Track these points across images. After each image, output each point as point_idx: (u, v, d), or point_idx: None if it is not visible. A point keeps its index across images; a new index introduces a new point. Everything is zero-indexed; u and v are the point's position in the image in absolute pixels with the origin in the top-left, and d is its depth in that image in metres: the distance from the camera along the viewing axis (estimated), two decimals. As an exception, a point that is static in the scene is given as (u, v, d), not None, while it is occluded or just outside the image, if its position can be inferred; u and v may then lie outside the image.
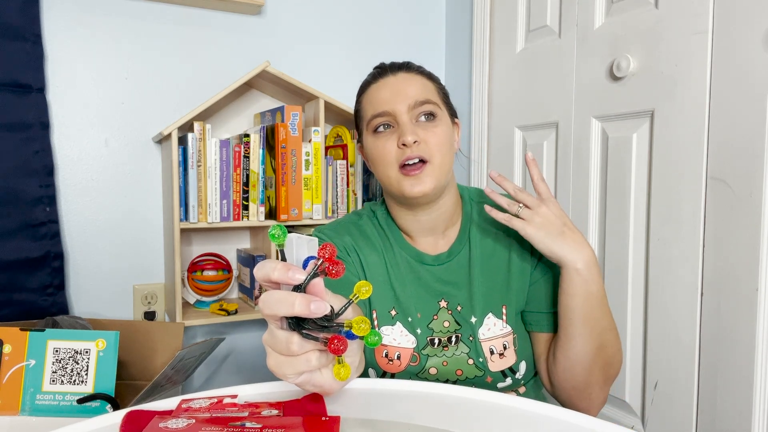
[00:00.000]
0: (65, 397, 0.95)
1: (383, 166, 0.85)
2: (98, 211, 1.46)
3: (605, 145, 1.30)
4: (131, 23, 1.47)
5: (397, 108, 0.83)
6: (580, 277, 0.78)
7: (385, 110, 0.84)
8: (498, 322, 0.87)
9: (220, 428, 0.49)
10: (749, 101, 1.01)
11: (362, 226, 0.95)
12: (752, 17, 1.00)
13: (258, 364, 1.68)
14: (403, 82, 0.85)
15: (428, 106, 0.84)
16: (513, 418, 0.56)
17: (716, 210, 1.07)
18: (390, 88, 0.85)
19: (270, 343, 0.50)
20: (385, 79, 0.87)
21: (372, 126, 0.86)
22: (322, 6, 1.70)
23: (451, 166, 0.88)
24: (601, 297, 0.80)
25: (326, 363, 0.50)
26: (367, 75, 0.92)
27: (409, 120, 0.84)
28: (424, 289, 0.90)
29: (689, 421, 1.12)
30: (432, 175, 0.83)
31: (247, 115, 1.62)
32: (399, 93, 0.84)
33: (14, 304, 1.33)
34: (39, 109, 1.35)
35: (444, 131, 0.86)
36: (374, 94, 0.87)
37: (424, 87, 0.86)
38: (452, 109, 0.92)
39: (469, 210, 0.93)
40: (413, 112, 0.84)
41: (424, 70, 0.90)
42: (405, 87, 0.85)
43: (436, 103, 0.86)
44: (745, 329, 1.02)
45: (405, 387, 0.64)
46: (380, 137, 0.85)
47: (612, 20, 1.28)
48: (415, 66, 0.89)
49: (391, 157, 0.84)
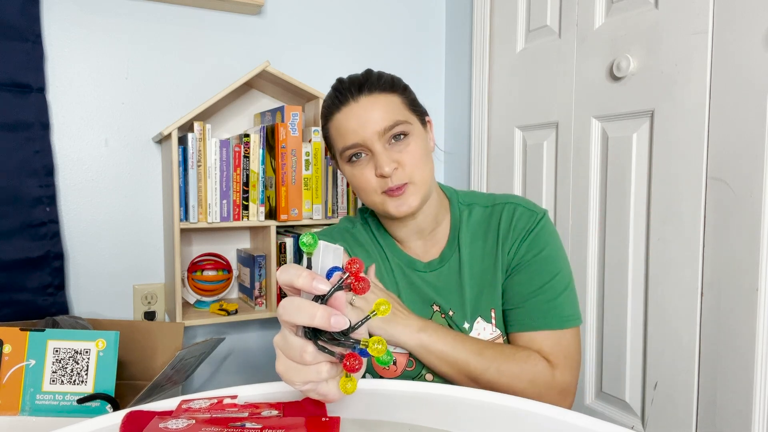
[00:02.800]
0: (65, 397, 0.95)
1: (366, 193, 0.86)
2: (98, 211, 1.46)
3: (605, 145, 1.30)
4: (131, 23, 1.46)
5: (366, 137, 0.82)
6: (422, 352, 0.81)
7: (355, 142, 0.83)
8: (487, 326, 0.88)
9: (220, 429, 0.49)
10: (749, 101, 1.01)
11: (355, 234, 0.95)
12: (752, 17, 1.00)
13: (258, 364, 1.68)
14: (367, 108, 0.83)
15: (398, 128, 0.83)
16: (512, 418, 0.56)
17: (716, 210, 1.07)
18: (355, 117, 0.83)
19: (282, 348, 0.50)
20: (349, 108, 0.84)
21: (345, 157, 0.86)
22: (322, 6, 1.70)
23: (432, 173, 0.88)
24: (458, 351, 0.80)
25: (335, 375, 0.50)
26: (327, 96, 0.89)
27: (382, 147, 0.82)
28: (417, 295, 0.90)
29: (689, 421, 1.12)
30: (416, 194, 0.84)
31: (247, 115, 1.62)
32: (365, 122, 0.82)
33: (14, 304, 1.33)
34: (39, 109, 1.35)
35: (418, 145, 0.85)
36: (341, 124, 0.85)
37: (389, 106, 0.83)
38: (421, 110, 0.90)
39: (458, 214, 0.92)
40: (384, 137, 0.83)
41: (385, 81, 0.86)
42: (369, 113, 0.82)
43: (405, 120, 0.84)
44: (745, 329, 1.02)
45: (405, 387, 0.64)
46: (357, 167, 0.85)
47: (612, 20, 1.28)
48: (375, 80, 0.85)
49: (373, 185, 0.84)
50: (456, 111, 1.84)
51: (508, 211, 0.88)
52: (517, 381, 0.79)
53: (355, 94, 0.83)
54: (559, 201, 1.43)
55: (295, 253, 1.49)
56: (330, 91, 0.88)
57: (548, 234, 0.87)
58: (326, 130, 0.89)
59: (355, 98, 0.83)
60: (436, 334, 0.81)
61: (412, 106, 0.87)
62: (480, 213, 0.91)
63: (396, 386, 0.65)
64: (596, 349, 1.34)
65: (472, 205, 0.92)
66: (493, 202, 0.91)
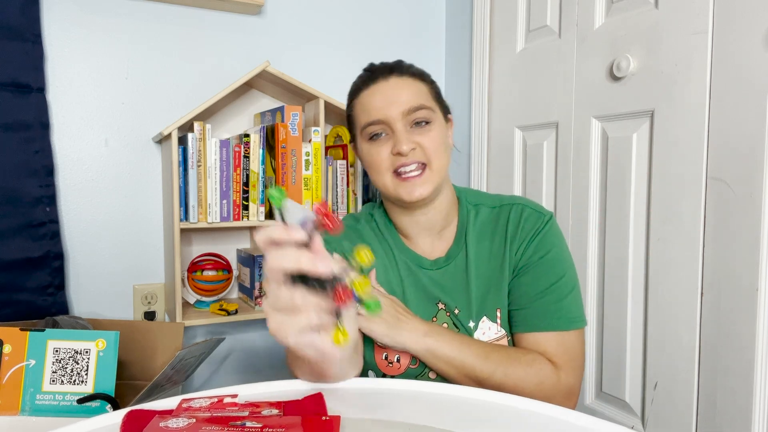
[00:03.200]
0: (65, 397, 0.95)
1: (378, 173, 0.86)
2: (98, 211, 1.46)
3: (605, 145, 1.30)
4: (131, 23, 1.46)
5: (390, 116, 0.83)
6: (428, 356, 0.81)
7: (378, 118, 0.84)
8: (493, 326, 0.88)
9: (220, 428, 0.49)
10: (749, 101, 1.01)
11: (360, 231, 0.95)
12: (752, 17, 1.00)
13: (258, 364, 1.68)
14: (395, 87, 0.85)
15: (422, 112, 0.84)
16: (513, 418, 0.56)
17: (716, 210, 1.07)
18: (382, 94, 0.85)
19: (272, 303, 0.49)
20: (377, 85, 0.86)
21: (366, 133, 0.86)
22: (322, 6, 1.70)
23: (448, 166, 0.88)
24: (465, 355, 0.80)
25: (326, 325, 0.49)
26: (357, 77, 0.91)
27: (403, 127, 0.83)
28: (423, 293, 0.90)
29: (689, 421, 1.12)
30: (431, 180, 0.84)
31: (247, 115, 1.62)
32: (392, 100, 0.84)
33: (14, 304, 1.33)
34: (39, 109, 1.35)
35: (439, 134, 0.86)
36: (366, 101, 0.86)
37: (417, 91, 0.85)
38: (445, 106, 0.92)
39: (465, 213, 0.92)
40: (407, 118, 0.84)
41: (415, 69, 0.89)
42: (397, 93, 0.84)
43: (430, 107, 0.85)
44: (745, 329, 1.02)
45: (405, 387, 0.64)
46: (374, 145, 0.86)
47: (612, 20, 1.28)
48: (406, 67, 0.88)
49: (386, 164, 0.85)
50: (456, 111, 1.84)
51: (516, 212, 0.89)
52: (523, 384, 0.80)
53: (386, 74, 0.86)
54: (559, 201, 1.43)
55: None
56: (361, 72, 0.91)
57: (555, 236, 0.87)
58: (350, 108, 0.91)
59: (385, 77, 0.86)
60: (442, 338, 0.81)
61: (437, 98, 0.90)
62: (487, 213, 0.92)
63: (396, 385, 0.65)
64: (596, 349, 1.34)
65: (479, 206, 0.93)
66: (500, 203, 0.92)
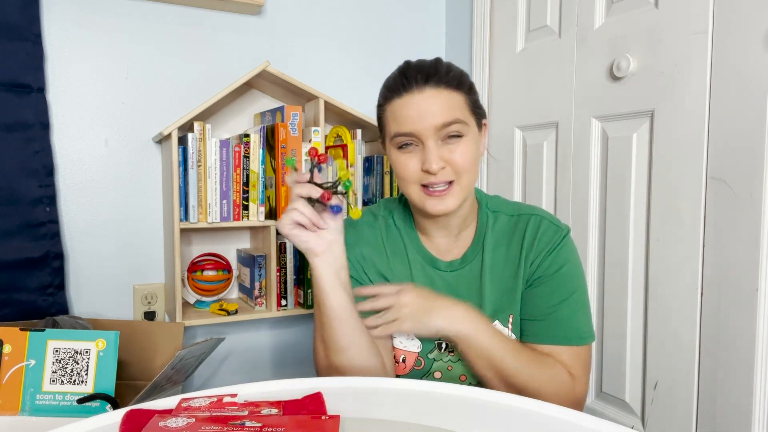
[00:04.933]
0: (65, 397, 0.95)
1: (405, 182, 0.85)
2: (98, 211, 1.46)
3: (605, 145, 1.30)
4: (131, 23, 1.46)
5: (422, 131, 0.81)
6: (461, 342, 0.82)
7: (410, 131, 0.81)
8: (504, 330, 0.88)
9: (220, 427, 0.49)
10: (749, 101, 1.01)
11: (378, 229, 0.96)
12: (752, 17, 1.00)
13: (258, 364, 1.68)
14: (429, 100, 0.81)
15: (455, 127, 0.81)
16: (513, 418, 0.56)
17: (716, 210, 1.07)
18: (415, 107, 0.81)
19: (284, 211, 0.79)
20: (411, 96, 0.81)
21: (396, 142, 0.84)
22: (322, 6, 1.70)
23: (476, 178, 0.87)
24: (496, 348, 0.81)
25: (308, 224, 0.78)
26: (391, 77, 0.86)
27: (434, 143, 0.81)
28: None
29: (689, 421, 1.12)
30: (457, 195, 0.83)
31: (247, 115, 1.62)
32: (425, 114, 0.80)
33: (14, 304, 1.33)
34: (39, 109, 1.35)
35: (470, 148, 0.83)
36: (398, 110, 0.83)
37: (452, 104, 0.82)
38: (480, 112, 0.89)
39: (485, 218, 0.93)
40: (439, 133, 0.81)
41: (453, 77, 0.84)
42: (431, 107, 0.80)
43: (464, 121, 0.82)
44: (745, 329, 1.01)
45: (405, 387, 0.64)
46: (403, 154, 0.84)
47: (612, 20, 1.28)
48: (444, 73, 0.83)
49: (414, 177, 0.84)
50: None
51: (534, 224, 0.89)
52: (544, 389, 0.81)
53: (421, 83, 0.81)
54: (559, 201, 1.43)
55: (295, 254, 1.49)
56: (395, 72, 0.86)
57: (571, 251, 0.89)
58: (381, 110, 0.87)
59: (420, 88, 0.81)
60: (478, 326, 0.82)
61: (473, 107, 0.86)
62: (505, 221, 0.92)
63: (396, 385, 0.65)
64: (596, 349, 1.34)
65: (498, 213, 0.93)
66: (519, 212, 0.92)
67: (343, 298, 0.83)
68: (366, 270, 0.93)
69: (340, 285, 0.83)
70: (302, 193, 0.77)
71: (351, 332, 0.83)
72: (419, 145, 0.82)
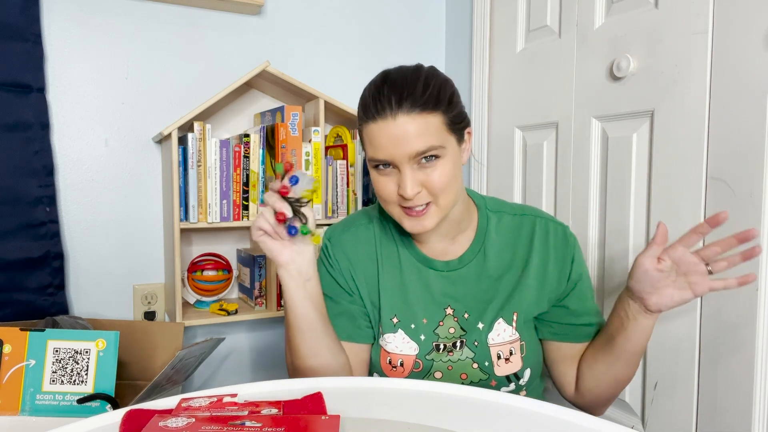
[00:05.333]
0: (65, 397, 0.95)
1: (385, 202, 0.86)
2: (98, 211, 1.46)
3: (605, 145, 1.30)
4: (131, 23, 1.47)
5: (396, 157, 0.79)
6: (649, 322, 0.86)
7: (384, 159, 0.81)
8: (508, 328, 0.88)
9: (219, 427, 0.49)
10: (749, 101, 1.01)
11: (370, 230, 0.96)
12: (752, 17, 1.00)
13: (258, 364, 1.68)
14: (402, 129, 0.78)
15: (430, 152, 0.80)
16: (514, 418, 0.56)
17: (716, 210, 1.07)
18: (388, 136, 0.79)
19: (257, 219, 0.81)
20: (385, 122, 0.79)
21: (372, 163, 0.84)
22: (322, 6, 1.70)
23: (458, 192, 0.86)
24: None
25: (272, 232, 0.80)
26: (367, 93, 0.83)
27: (410, 168, 0.80)
28: (431, 296, 0.91)
29: (689, 421, 1.12)
30: (434, 216, 0.83)
31: (247, 115, 1.62)
32: (398, 144, 0.78)
33: (14, 304, 1.33)
34: (39, 109, 1.35)
35: (446, 169, 0.81)
36: (373, 135, 0.81)
37: (427, 128, 0.79)
38: (461, 126, 0.86)
39: (485, 220, 0.93)
40: (415, 159, 0.80)
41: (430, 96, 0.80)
42: (405, 137, 0.78)
43: (439, 145, 0.80)
44: (745, 329, 1.01)
45: (405, 387, 0.64)
46: (381, 176, 0.83)
47: (612, 20, 1.28)
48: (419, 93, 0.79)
49: (392, 198, 0.83)
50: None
51: (542, 226, 0.92)
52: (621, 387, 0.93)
53: (394, 109, 0.78)
54: (559, 201, 1.43)
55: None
56: (371, 87, 0.83)
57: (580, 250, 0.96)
58: (360, 129, 0.86)
59: (393, 114, 0.78)
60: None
61: (452, 124, 0.83)
62: (509, 221, 0.94)
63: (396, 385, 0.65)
64: (596, 349, 1.34)
65: (501, 213, 0.94)
66: (522, 212, 0.95)
67: (306, 309, 0.84)
68: (354, 276, 0.94)
69: (304, 296, 0.84)
70: (268, 202, 0.79)
71: (312, 343, 0.85)
72: (396, 167, 0.81)
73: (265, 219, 0.79)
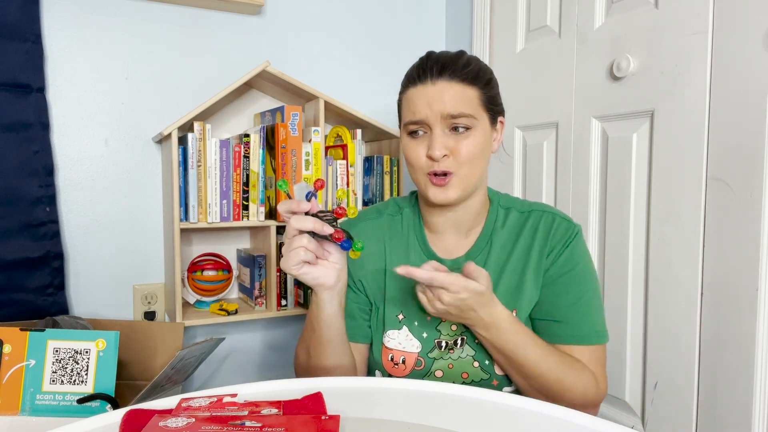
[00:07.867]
0: (65, 397, 0.95)
1: (413, 169, 0.88)
2: (98, 211, 1.46)
3: (605, 145, 1.30)
4: (131, 23, 1.46)
5: (430, 117, 0.83)
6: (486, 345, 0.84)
7: (418, 119, 0.85)
8: None
9: (219, 427, 0.49)
10: (749, 101, 1.01)
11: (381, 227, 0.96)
12: (752, 17, 1.00)
13: (258, 364, 1.68)
14: (440, 92, 0.83)
15: (461, 120, 0.83)
16: (513, 418, 0.56)
17: (716, 210, 1.07)
18: (426, 97, 0.84)
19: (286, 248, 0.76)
20: (424, 86, 0.84)
21: (407, 129, 0.88)
22: (322, 6, 1.70)
23: (482, 172, 0.88)
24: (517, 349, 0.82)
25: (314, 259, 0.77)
26: (412, 66, 0.89)
27: (441, 131, 0.84)
28: None
29: (689, 421, 1.12)
30: (456, 187, 0.85)
31: (247, 115, 1.62)
32: (434, 104, 0.83)
33: (14, 304, 1.33)
34: (39, 109, 1.35)
35: (476, 142, 0.85)
36: (411, 99, 0.86)
37: (463, 97, 0.84)
38: (496, 109, 0.90)
39: (494, 216, 0.94)
40: (446, 122, 0.83)
41: (470, 71, 0.85)
42: (441, 98, 0.83)
43: (471, 114, 0.84)
44: (745, 329, 1.01)
45: (405, 386, 0.64)
46: (413, 141, 0.87)
47: (612, 20, 1.28)
48: (461, 66, 0.85)
49: (420, 163, 0.86)
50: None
51: (546, 221, 0.91)
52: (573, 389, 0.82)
53: (435, 76, 0.84)
54: (559, 201, 1.43)
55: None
56: (416, 62, 0.89)
57: (584, 248, 0.91)
58: (399, 98, 0.91)
59: (433, 80, 0.84)
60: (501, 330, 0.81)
61: (488, 103, 0.87)
62: (516, 217, 0.93)
63: (396, 385, 0.65)
64: (596, 349, 1.34)
65: (510, 209, 0.94)
66: (530, 209, 0.94)
67: (341, 325, 0.85)
68: (362, 273, 0.94)
69: (340, 312, 0.85)
70: (304, 227, 0.74)
71: (339, 354, 0.86)
72: (428, 132, 0.85)
73: (304, 248, 0.74)
